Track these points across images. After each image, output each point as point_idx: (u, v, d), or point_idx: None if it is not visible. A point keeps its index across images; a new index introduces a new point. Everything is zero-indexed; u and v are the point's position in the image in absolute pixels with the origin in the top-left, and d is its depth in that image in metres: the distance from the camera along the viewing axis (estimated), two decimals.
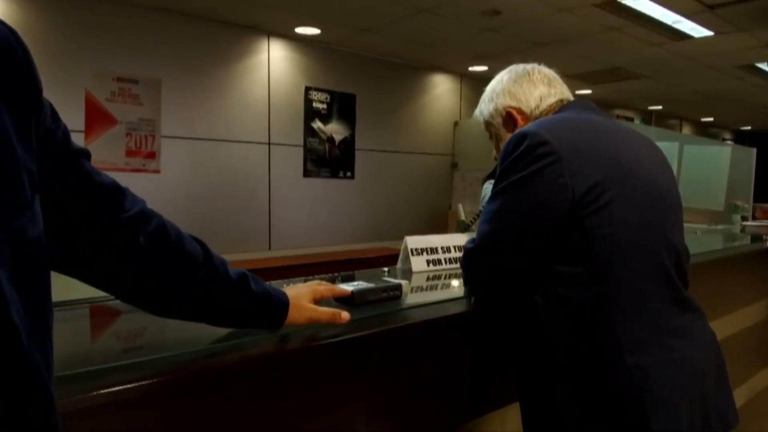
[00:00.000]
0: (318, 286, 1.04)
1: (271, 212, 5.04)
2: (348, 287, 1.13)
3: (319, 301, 1.03)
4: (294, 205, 5.19)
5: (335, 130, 5.42)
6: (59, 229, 0.67)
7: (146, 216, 0.77)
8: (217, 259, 0.85)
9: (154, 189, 4.21)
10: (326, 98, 5.32)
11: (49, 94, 0.60)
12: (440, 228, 6.08)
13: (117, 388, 0.74)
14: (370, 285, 1.17)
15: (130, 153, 4.18)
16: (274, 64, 4.99)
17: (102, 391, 0.73)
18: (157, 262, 0.78)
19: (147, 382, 0.77)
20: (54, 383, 0.55)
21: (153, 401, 0.80)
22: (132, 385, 0.76)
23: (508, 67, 1.35)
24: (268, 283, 0.95)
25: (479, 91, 1.41)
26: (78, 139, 4.11)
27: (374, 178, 5.77)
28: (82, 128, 3.91)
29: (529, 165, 1.06)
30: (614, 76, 6.33)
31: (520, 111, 1.28)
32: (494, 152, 1.39)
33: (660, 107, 9.13)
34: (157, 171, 4.32)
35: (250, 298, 0.88)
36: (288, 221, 5.14)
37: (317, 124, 5.28)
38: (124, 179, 0.76)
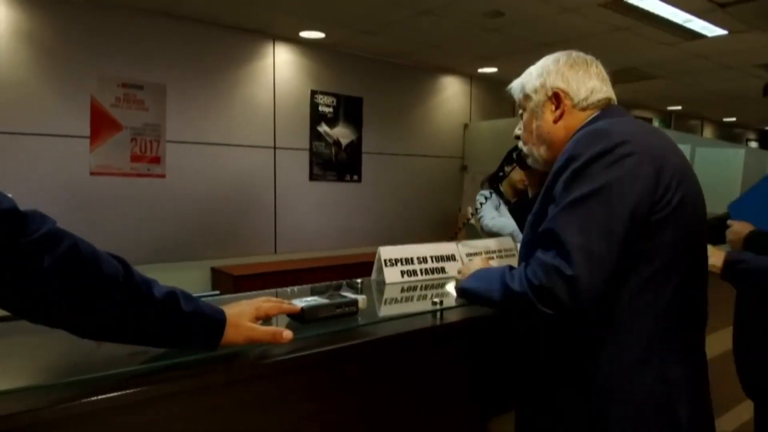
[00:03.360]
0: (264, 303, 1.02)
1: (276, 216, 5.04)
2: (299, 303, 1.10)
3: (263, 319, 1.00)
4: (300, 209, 5.18)
5: (341, 133, 5.41)
6: None
7: (54, 237, 0.76)
8: (140, 278, 0.83)
9: (159, 194, 4.24)
10: (332, 101, 5.31)
11: (54, 99, 0.58)
12: (449, 231, 6.01)
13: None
14: (323, 301, 1.14)
15: (135, 158, 4.22)
16: (279, 68, 4.99)
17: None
18: (68, 284, 0.76)
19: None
20: None
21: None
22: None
23: (566, 51, 1.28)
24: (252, 293, 0.92)
25: (490, 92, 1.37)
26: (83, 145, 4.09)
27: (381, 181, 5.74)
28: (88, 134, 3.96)
29: (616, 166, 1.01)
30: (628, 75, 6.19)
31: (567, 96, 1.22)
32: (517, 129, 1.32)
33: (679, 107, 8.93)
34: (162, 176, 4.35)
35: (178, 318, 0.86)
36: (294, 225, 5.14)
37: (323, 128, 5.27)
38: (129, 184, 0.75)
